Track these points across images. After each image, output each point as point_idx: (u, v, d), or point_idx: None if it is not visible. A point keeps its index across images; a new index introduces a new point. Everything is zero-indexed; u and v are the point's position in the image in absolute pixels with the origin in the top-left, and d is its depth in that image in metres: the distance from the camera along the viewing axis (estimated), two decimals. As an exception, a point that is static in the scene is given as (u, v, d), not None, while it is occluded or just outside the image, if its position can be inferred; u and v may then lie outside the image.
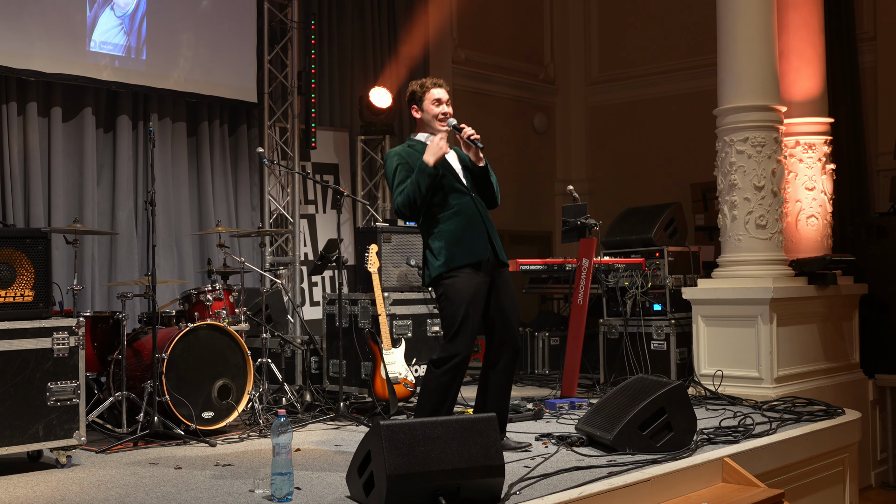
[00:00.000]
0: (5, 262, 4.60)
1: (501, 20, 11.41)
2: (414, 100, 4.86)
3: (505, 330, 4.76)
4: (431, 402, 4.56)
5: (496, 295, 4.73)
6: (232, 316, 6.18)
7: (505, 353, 4.77)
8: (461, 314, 4.55)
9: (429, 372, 4.63)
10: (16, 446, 4.52)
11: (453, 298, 4.58)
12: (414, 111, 4.88)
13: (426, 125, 4.86)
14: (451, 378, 4.57)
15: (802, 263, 7.46)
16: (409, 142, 4.90)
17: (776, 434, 5.39)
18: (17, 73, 6.86)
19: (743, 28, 7.10)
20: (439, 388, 4.56)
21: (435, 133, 4.83)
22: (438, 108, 4.81)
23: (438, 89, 4.84)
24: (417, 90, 4.85)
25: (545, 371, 8.75)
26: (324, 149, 8.95)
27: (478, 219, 4.71)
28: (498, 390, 4.79)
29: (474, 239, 4.66)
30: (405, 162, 4.70)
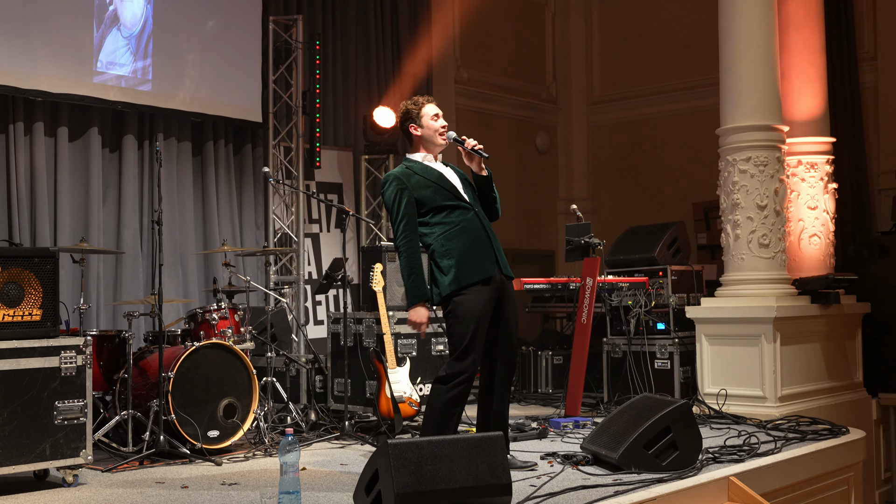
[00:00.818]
0: (14, 281, 4.63)
1: (503, 40, 11.48)
2: (410, 118, 4.81)
3: (506, 346, 4.75)
4: (438, 419, 4.55)
5: (501, 310, 4.74)
6: (237, 335, 6.20)
7: (503, 367, 4.76)
8: (470, 332, 4.54)
9: (435, 389, 4.62)
10: (23, 465, 4.54)
11: (463, 317, 4.57)
12: (413, 129, 4.82)
13: (426, 142, 4.81)
14: (458, 395, 4.56)
15: (805, 282, 7.48)
16: (405, 163, 4.85)
17: (781, 453, 5.40)
18: (25, 93, 6.90)
19: (745, 48, 7.15)
20: (445, 406, 4.54)
21: (434, 148, 4.79)
22: (438, 123, 4.79)
23: (432, 105, 4.83)
24: (413, 108, 4.81)
25: (548, 390, 8.75)
26: (328, 168, 8.99)
27: (483, 234, 4.70)
28: (500, 405, 4.77)
29: (482, 255, 4.65)
30: (405, 187, 4.67)
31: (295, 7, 8.82)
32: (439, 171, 4.79)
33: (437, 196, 4.69)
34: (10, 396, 4.50)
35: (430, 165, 4.81)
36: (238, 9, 8.25)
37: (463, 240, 4.64)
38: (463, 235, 4.65)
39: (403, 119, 4.86)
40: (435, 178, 4.74)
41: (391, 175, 4.76)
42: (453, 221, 4.68)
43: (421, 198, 4.68)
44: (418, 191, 4.68)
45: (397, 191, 4.68)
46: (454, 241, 4.63)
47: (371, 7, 9.50)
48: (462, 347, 4.56)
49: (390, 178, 4.74)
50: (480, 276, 4.62)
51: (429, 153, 4.83)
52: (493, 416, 4.74)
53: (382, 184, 4.79)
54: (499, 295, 4.71)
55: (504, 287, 4.75)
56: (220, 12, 8.12)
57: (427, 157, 4.82)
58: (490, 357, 4.75)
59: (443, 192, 4.71)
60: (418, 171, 4.74)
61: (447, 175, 4.78)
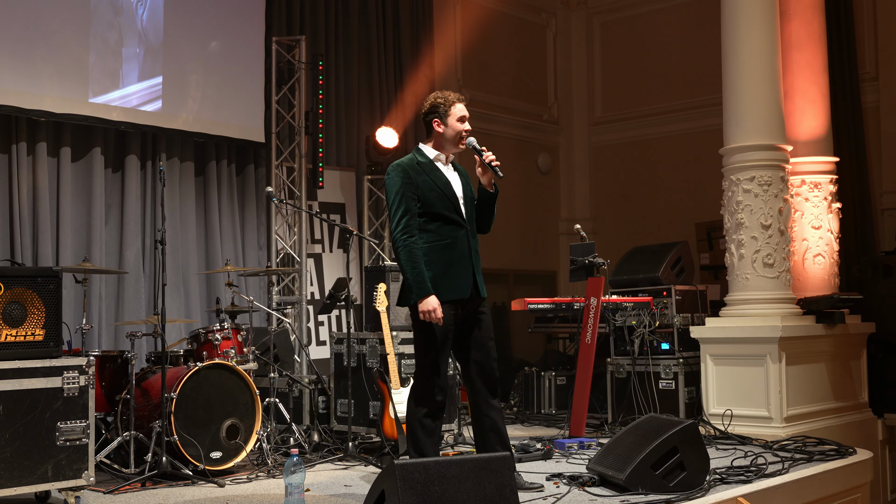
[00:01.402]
0: (16, 300, 4.61)
1: (505, 61, 11.51)
2: (437, 112, 4.70)
3: (484, 359, 4.72)
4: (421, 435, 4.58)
5: (474, 328, 4.71)
6: (240, 355, 6.16)
7: (484, 381, 4.72)
8: (436, 346, 4.57)
9: (409, 407, 4.65)
10: (25, 486, 4.50)
11: (429, 333, 4.57)
12: (436, 124, 4.71)
13: (444, 140, 4.72)
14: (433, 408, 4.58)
15: (810, 302, 7.46)
16: (416, 154, 4.76)
17: (789, 474, 5.37)
18: (28, 113, 6.90)
19: (748, 68, 7.16)
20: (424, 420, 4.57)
21: (450, 149, 4.72)
22: (463, 126, 4.70)
23: (462, 105, 4.73)
24: (442, 103, 4.69)
25: (552, 411, 8.70)
26: (330, 188, 8.98)
27: (467, 254, 4.67)
28: (491, 418, 4.74)
29: (460, 275, 4.63)
30: (409, 181, 4.61)
31: (298, 28, 8.84)
32: (447, 177, 4.73)
33: (438, 203, 4.64)
34: (12, 417, 4.46)
35: (439, 168, 4.73)
36: (241, 30, 8.26)
37: (446, 256, 4.61)
38: (447, 252, 4.62)
39: (429, 111, 4.73)
40: (441, 184, 4.68)
41: (399, 164, 4.69)
42: (443, 235, 4.64)
43: (423, 199, 4.63)
44: (424, 191, 4.63)
45: (402, 184, 4.61)
46: (437, 255, 4.60)
47: (373, 28, 9.53)
48: (428, 360, 4.58)
49: (398, 168, 4.67)
50: (453, 295, 4.61)
51: (442, 153, 4.76)
52: (488, 430, 4.71)
53: (388, 172, 4.70)
54: (468, 314, 4.69)
55: (477, 307, 4.73)
56: (224, 33, 8.13)
57: (439, 157, 4.75)
58: (469, 374, 4.74)
59: (445, 202, 4.66)
60: (427, 169, 4.67)
61: (453, 184, 4.72)
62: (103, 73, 7.36)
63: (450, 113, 4.69)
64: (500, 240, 11.14)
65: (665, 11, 11.53)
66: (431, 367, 4.59)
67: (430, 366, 4.59)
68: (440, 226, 4.64)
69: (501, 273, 11.34)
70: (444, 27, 10.44)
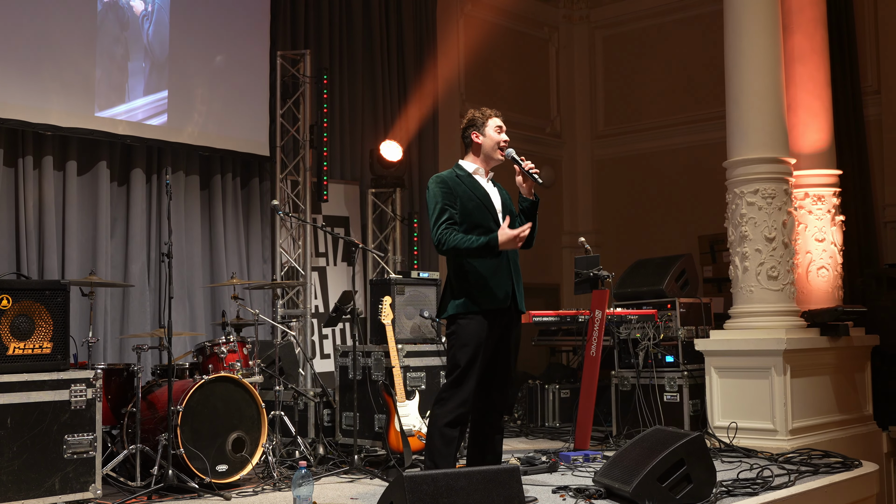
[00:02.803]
0: (24, 313, 4.63)
1: (508, 75, 11.55)
2: (475, 125, 4.81)
3: (504, 378, 4.74)
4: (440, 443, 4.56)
5: (504, 345, 4.73)
6: (246, 368, 6.16)
7: (499, 399, 4.74)
8: (469, 356, 4.57)
9: (434, 413, 4.64)
10: (32, 499, 4.52)
11: (465, 340, 4.58)
12: (474, 136, 4.80)
13: (483, 152, 4.80)
14: (456, 418, 4.56)
15: (815, 314, 7.46)
16: (455, 169, 4.84)
17: (795, 486, 5.36)
18: (34, 127, 6.93)
19: (751, 82, 7.19)
20: (446, 429, 4.56)
21: (488, 161, 4.79)
22: (500, 136, 4.79)
23: (499, 118, 4.84)
24: (479, 116, 4.81)
25: (556, 424, 8.69)
26: (335, 202, 9.00)
27: (506, 265, 4.69)
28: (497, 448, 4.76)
29: (499, 286, 4.65)
30: (449, 191, 4.67)
31: (303, 42, 8.88)
32: (485, 189, 4.78)
33: (477, 213, 4.68)
34: (19, 430, 4.48)
35: (478, 180, 4.79)
36: (246, 44, 8.30)
37: (486, 267, 4.63)
38: (487, 262, 4.64)
39: (467, 125, 4.85)
40: (480, 195, 4.73)
41: (439, 176, 4.76)
42: None
43: (462, 209, 4.67)
44: (462, 201, 4.68)
45: (442, 193, 4.66)
46: (477, 265, 4.62)
47: (377, 42, 9.57)
48: (459, 371, 4.58)
49: (437, 180, 4.73)
50: (490, 306, 4.62)
51: (481, 166, 4.82)
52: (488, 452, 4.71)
53: (428, 184, 4.76)
54: (504, 328, 4.71)
55: (511, 320, 4.74)
56: (229, 47, 8.17)
57: (478, 171, 4.81)
58: (487, 385, 4.74)
59: (483, 213, 4.70)
60: (466, 182, 4.74)
61: (492, 196, 4.78)
62: (109, 87, 7.40)
63: (487, 124, 4.80)
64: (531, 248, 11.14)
65: (667, 25, 11.58)
66: (459, 378, 4.58)
67: (458, 376, 4.59)
68: (479, 236, 4.65)
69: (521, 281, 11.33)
70: (447, 42, 10.49)
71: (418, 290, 6.92)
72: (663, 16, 11.61)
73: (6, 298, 4.57)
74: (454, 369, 4.60)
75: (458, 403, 4.56)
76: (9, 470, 4.42)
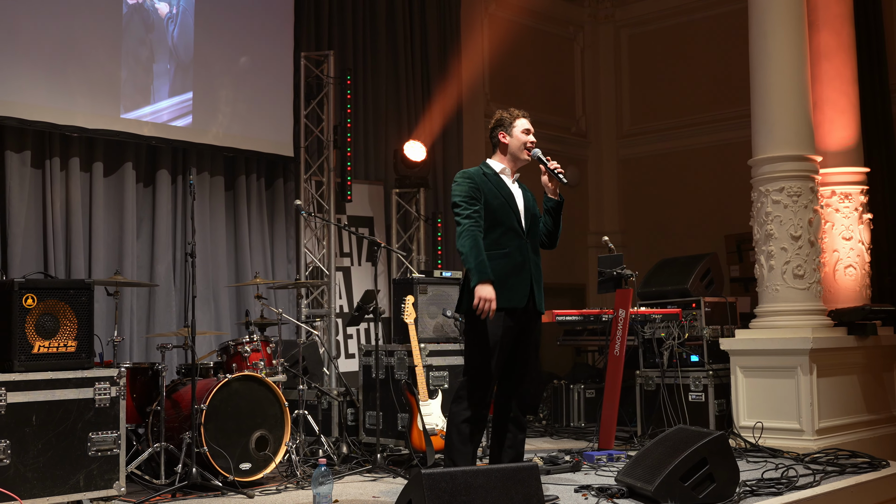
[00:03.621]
0: (49, 312, 4.68)
1: (533, 75, 11.53)
2: (503, 125, 4.85)
3: (525, 378, 4.74)
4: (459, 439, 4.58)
5: (523, 344, 4.73)
6: (269, 367, 6.19)
7: (522, 406, 4.75)
8: (486, 354, 4.57)
9: (453, 410, 4.65)
10: (57, 496, 4.56)
11: (482, 338, 4.59)
12: (501, 136, 4.85)
13: (510, 152, 4.84)
14: (475, 416, 4.58)
15: (841, 313, 7.39)
16: (483, 167, 4.87)
17: (820, 486, 5.31)
18: (61, 129, 7.00)
19: (777, 79, 7.13)
20: (464, 425, 4.57)
21: (515, 162, 4.82)
22: (527, 137, 4.83)
23: (526, 119, 4.87)
24: (507, 117, 4.86)
25: (581, 424, 8.67)
26: (359, 202, 9.03)
27: (526, 265, 4.71)
28: (519, 450, 4.75)
29: (516, 286, 4.65)
30: (476, 186, 4.69)
31: (326, 43, 8.91)
32: (510, 189, 4.81)
33: (501, 212, 4.70)
34: (44, 427, 4.53)
35: (504, 180, 4.82)
36: (270, 45, 8.35)
37: (504, 265, 4.64)
38: (506, 261, 4.66)
39: (495, 125, 4.89)
40: (505, 194, 4.76)
41: (466, 172, 4.80)
42: (503, 244, 4.68)
43: (487, 206, 4.69)
44: (487, 198, 4.70)
45: (469, 187, 4.69)
46: (495, 264, 4.62)
47: (401, 42, 9.59)
48: (476, 368, 4.59)
49: (466, 175, 4.76)
50: (506, 304, 4.62)
51: (507, 166, 4.86)
52: (507, 448, 4.71)
53: (455, 178, 4.79)
54: (523, 327, 4.71)
55: (530, 321, 4.74)
56: (253, 49, 8.22)
57: (505, 171, 4.85)
58: (506, 387, 4.75)
59: (507, 212, 4.72)
60: (492, 180, 4.77)
61: (517, 197, 4.80)
62: (135, 88, 7.46)
63: (514, 125, 4.84)
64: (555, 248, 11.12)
65: (693, 24, 11.52)
66: (477, 373, 4.60)
67: (476, 372, 4.61)
68: (501, 234, 4.70)
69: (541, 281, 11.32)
70: (471, 41, 10.48)
71: (441, 289, 6.92)
72: (689, 14, 11.55)
73: (31, 297, 4.62)
74: (471, 367, 4.61)
75: (476, 401, 4.58)
76: (34, 467, 4.47)
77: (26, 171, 6.93)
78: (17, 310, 4.58)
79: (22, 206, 6.87)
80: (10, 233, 6.79)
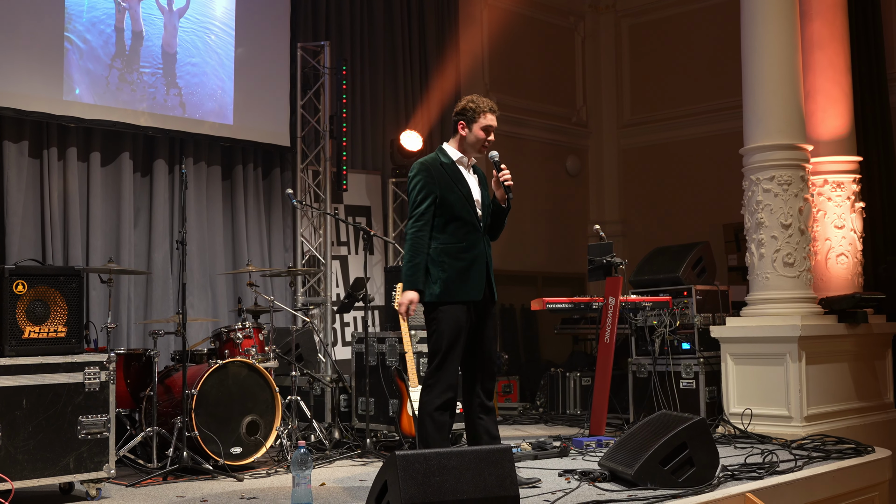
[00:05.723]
0: (40, 298, 4.76)
1: (533, 64, 11.56)
2: (465, 116, 4.78)
3: (486, 359, 4.81)
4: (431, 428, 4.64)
5: (481, 327, 4.80)
6: (261, 353, 6.28)
7: (484, 379, 4.81)
8: (448, 342, 4.64)
9: (422, 399, 4.69)
10: (47, 478, 4.64)
11: (444, 327, 4.66)
12: (461, 127, 4.80)
13: (466, 144, 4.81)
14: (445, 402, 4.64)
15: (832, 301, 7.43)
16: (439, 153, 4.85)
17: (802, 471, 5.37)
18: (58, 119, 7.10)
19: (767, 68, 7.16)
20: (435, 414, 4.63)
21: (471, 154, 4.81)
22: (486, 136, 4.78)
23: (493, 116, 4.80)
24: (473, 108, 4.77)
25: (576, 411, 8.75)
26: (356, 191, 9.11)
27: (482, 259, 4.76)
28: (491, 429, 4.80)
29: (474, 279, 4.71)
30: (432, 180, 4.70)
31: (323, 33, 8.98)
32: (468, 182, 4.80)
33: (458, 206, 4.72)
34: (35, 411, 4.61)
35: (461, 170, 4.80)
36: (267, 36, 8.43)
37: (462, 260, 4.70)
38: (464, 256, 4.71)
39: (458, 113, 4.83)
40: (462, 187, 4.76)
41: (423, 163, 4.78)
42: (459, 237, 4.72)
43: (443, 200, 4.71)
44: (444, 192, 4.71)
45: (424, 184, 4.70)
46: (454, 259, 4.69)
47: (398, 32, 9.65)
48: (441, 356, 4.66)
49: (420, 167, 4.76)
50: (465, 297, 4.70)
51: (465, 155, 4.84)
52: (483, 433, 4.77)
53: (411, 170, 4.80)
54: (481, 315, 4.79)
55: (486, 308, 4.81)
56: (250, 39, 8.30)
57: (461, 160, 4.82)
58: (470, 370, 4.83)
59: (464, 207, 4.73)
60: (450, 171, 4.75)
61: (472, 188, 4.80)
62: (131, 79, 7.54)
63: (477, 120, 4.78)
64: (528, 243, 11.20)
65: (693, 14, 11.53)
66: (441, 362, 4.67)
67: (440, 362, 4.67)
68: (457, 228, 4.72)
69: (530, 276, 11.40)
70: (470, 31, 10.53)
71: (433, 277, 6.97)
72: (689, 4, 11.56)
73: (22, 284, 4.70)
74: (435, 355, 4.68)
75: (445, 388, 4.64)
76: (25, 449, 4.56)
77: (24, 160, 7.04)
78: (7, 296, 4.66)
79: (20, 195, 6.98)
80: (8, 222, 6.90)
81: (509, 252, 10.58)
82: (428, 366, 4.76)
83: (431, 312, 4.72)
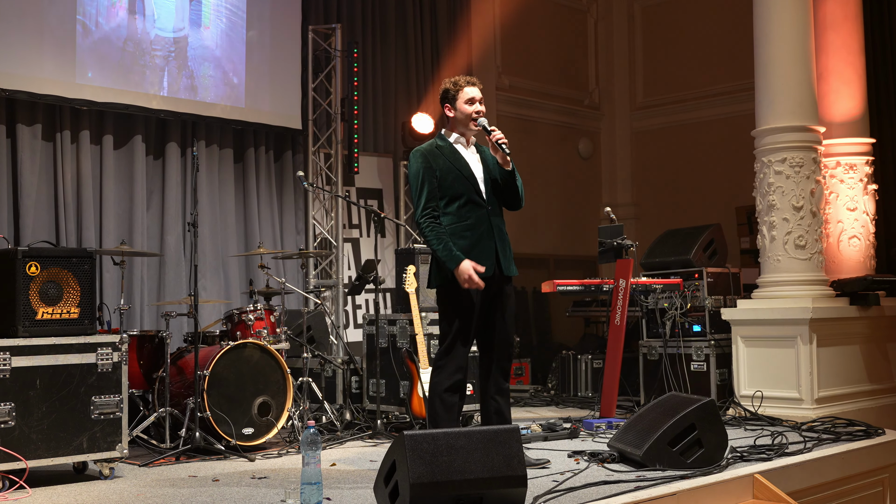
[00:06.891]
0: (53, 280, 4.80)
1: (545, 47, 11.53)
2: (447, 98, 4.80)
3: (502, 341, 4.79)
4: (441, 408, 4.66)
5: (496, 307, 4.78)
6: (273, 335, 6.32)
7: (499, 362, 4.79)
8: (458, 323, 4.65)
9: (433, 379, 4.71)
10: (61, 457, 4.70)
11: (453, 308, 4.67)
12: (447, 110, 4.81)
13: (459, 124, 4.81)
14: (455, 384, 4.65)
15: (843, 284, 7.41)
16: (437, 139, 4.85)
17: (811, 453, 5.37)
18: (71, 102, 7.13)
19: (780, 49, 7.13)
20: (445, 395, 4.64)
21: (467, 132, 4.79)
22: (472, 108, 4.75)
23: (472, 87, 4.77)
24: (451, 88, 4.78)
25: (588, 393, 8.77)
26: (367, 174, 9.12)
27: (489, 234, 4.73)
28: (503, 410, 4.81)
29: (481, 256, 4.68)
30: (429, 166, 4.71)
31: (334, 16, 8.98)
32: (465, 159, 4.79)
33: (457, 185, 4.71)
34: (49, 391, 4.66)
35: (459, 150, 4.79)
36: (278, 19, 8.44)
37: (468, 238, 4.69)
38: (469, 233, 4.70)
39: (441, 98, 4.84)
40: (460, 166, 4.75)
41: (418, 151, 4.79)
42: (463, 216, 4.71)
43: (443, 182, 4.71)
44: (442, 174, 4.71)
45: (422, 169, 4.71)
46: (459, 238, 4.68)
47: (410, 15, 9.63)
48: (451, 338, 4.67)
49: (417, 154, 4.77)
50: None
51: (462, 136, 4.83)
52: (493, 413, 4.78)
53: (409, 158, 4.82)
54: (494, 293, 4.75)
55: (501, 285, 4.78)
56: (261, 22, 8.31)
57: (459, 140, 4.82)
58: (487, 349, 4.82)
59: (464, 183, 4.72)
60: (447, 153, 4.76)
61: (472, 165, 4.78)
62: (144, 62, 7.57)
63: (458, 97, 4.77)
64: (540, 225, 11.20)
65: (706, -5, 11.47)
66: (452, 344, 4.68)
67: (450, 343, 4.68)
68: (460, 207, 4.72)
69: (542, 258, 11.41)
70: (482, 13, 10.50)
71: (443, 259, 6.99)
72: (702, -15, 11.49)
73: (35, 265, 4.75)
74: (445, 336, 4.70)
75: (455, 369, 4.65)
76: (38, 429, 4.61)
77: (37, 143, 7.08)
78: (20, 277, 4.71)
79: (33, 178, 7.03)
80: (22, 204, 6.95)
81: (521, 234, 10.57)
82: (439, 344, 4.77)
83: (442, 293, 4.73)
